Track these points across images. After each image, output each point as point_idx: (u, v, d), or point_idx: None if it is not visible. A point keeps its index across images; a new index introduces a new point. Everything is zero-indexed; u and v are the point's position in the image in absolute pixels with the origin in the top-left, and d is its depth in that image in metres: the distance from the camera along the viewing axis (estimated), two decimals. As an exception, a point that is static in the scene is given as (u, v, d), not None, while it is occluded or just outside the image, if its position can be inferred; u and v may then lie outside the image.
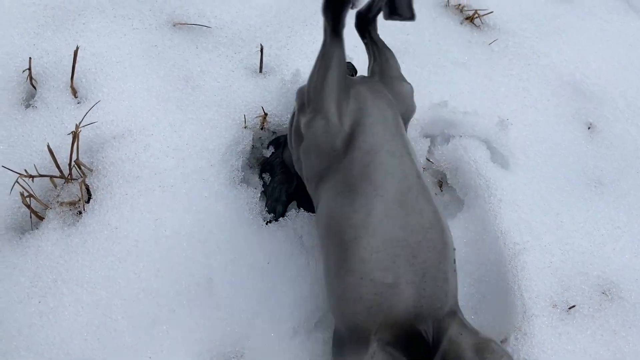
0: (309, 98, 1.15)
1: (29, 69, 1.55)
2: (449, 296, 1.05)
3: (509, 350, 1.27)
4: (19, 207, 1.39)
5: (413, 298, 1.02)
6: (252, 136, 1.58)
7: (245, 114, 1.57)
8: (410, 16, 1.22)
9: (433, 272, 1.02)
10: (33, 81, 1.58)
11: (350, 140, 1.10)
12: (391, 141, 1.09)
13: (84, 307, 1.23)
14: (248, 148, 1.55)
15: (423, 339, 1.02)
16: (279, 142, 1.56)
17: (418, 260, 1.02)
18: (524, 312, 1.30)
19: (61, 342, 1.18)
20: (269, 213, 1.45)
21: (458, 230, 1.46)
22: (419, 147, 1.56)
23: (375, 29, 1.33)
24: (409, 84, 1.27)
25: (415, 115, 1.59)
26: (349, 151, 1.09)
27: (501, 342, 1.30)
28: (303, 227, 1.41)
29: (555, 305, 1.33)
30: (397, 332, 1.03)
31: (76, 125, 1.38)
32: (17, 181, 1.34)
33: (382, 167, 1.06)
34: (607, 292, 1.37)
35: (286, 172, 1.51)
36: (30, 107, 1.54)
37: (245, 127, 1.56)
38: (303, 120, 1.16)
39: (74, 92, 1.56)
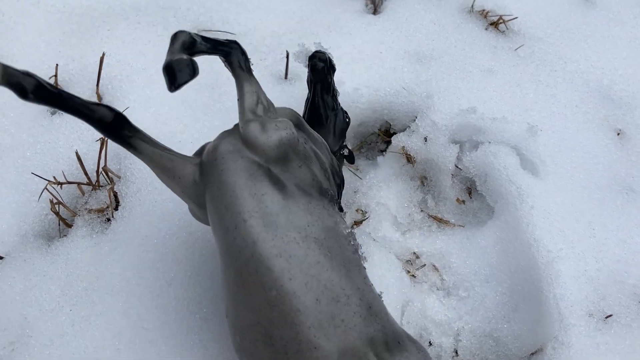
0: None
1: (55, 75, 1.55)
2: None
3: (546, 359, 1.25)
4: (47, 214, 1.38)
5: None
6: (278, 143, 1.57)
7: (273, 120, 1.56)
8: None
9: (294, 345, 0.87)
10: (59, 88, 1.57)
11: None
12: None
13: (115, 316, 1.21)
14: (275, 155, 1.54)
15: None
16: None
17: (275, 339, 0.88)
18: (561, 321, 1.27)
19: (93, 352, 1.17)
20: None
21: (489, 237, 1.44)
22: (448, 154, 1.54)
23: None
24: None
25: (444, 122, 1.57)
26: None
27: (536, 351, 1.28)
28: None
29: (591, 315, 1.30)
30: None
31: (104, 132, 1.37)
32: (45, 188, 1.33)
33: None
34: (643, 301, 1.35)
35: None
36: (57, 114, 1.53)
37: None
38: None
39: (100, 99, 1.55)
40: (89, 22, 1.69)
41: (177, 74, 0.92)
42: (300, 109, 1.60)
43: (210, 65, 1.64)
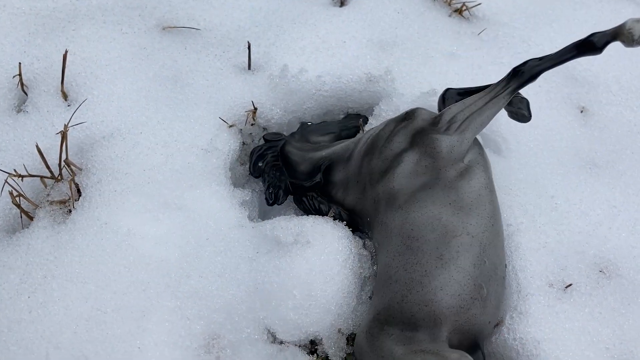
0: (453, 118, 1.28)
1: (20, 74, 1.57)
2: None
3: (505, 330, 1.25)
4: (10, 208, 1.40)
5: (491, 317, 1.21)
6: (241, 132, 1.59)
7: (235, 109, 1.57)
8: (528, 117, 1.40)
9: (501, 298, 1.24)
10: (24, 87, 1.59)
11: (466, 172, 1.26)
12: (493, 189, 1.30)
13: (73, 301, 1.22)
14: (237, 144, 1.55)
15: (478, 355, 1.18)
16: (276, 138, 1.55)
17: (498, 285, 1.22)
18: (519, 291, 1.28)
19: (51, 336, 1.17)
20: (270, 200, 1.46)
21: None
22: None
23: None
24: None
25: (405, 105, 1.59)
26: (465, 178, 1.25)
27: (498, 324, 1.28)
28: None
29: (551, 285, 1.31)
30: (463, 341, 1.17)
31: (65, 125, 1.39)
32: (6, 181, 1.35)
33: (491, 203, 1.25)
34: (604, 270, 1.35)
35: (278, 166, 1.50)
36: (22, 112, 1.55)
37: (233, 124, 1.56)
38: (435, 133, 1.29)
39: (65, 96, 1.57)
40: (54, 23, 1.72)
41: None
42: (263, 98, 1.62)
43: (173, 58, 1.66)
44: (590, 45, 1.21)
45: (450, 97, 1.45)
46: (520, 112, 1.40)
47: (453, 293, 1.16)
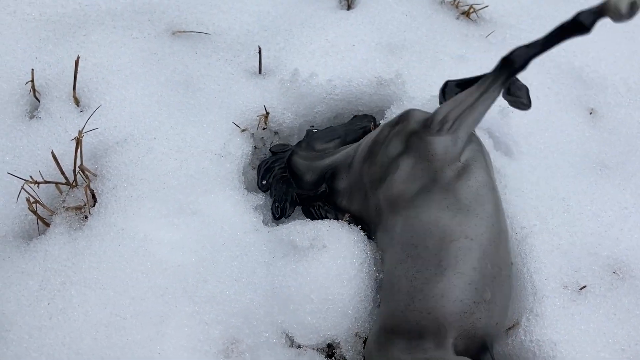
0: (444, 117, 1.26)
1: (32, 81, 1.58)
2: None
3: (521, 332, 1.26)
4: (26, 214, 1.40)
5: (498, 318, 1.20)
6: (253, 137, 1.59)
7: (247, 113, 1.58)
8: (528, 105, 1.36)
9: (507, 299, 1.22)
10: (36, 93, 1.60)
11: (464, 172, 1.24)
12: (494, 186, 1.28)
13: (92, 307, 1.23)
14: (250, 148, 1.56)
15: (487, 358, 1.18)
16: (283, 150, 1.56)
17: (504, 286, 1.20)
18: (535, 293, 1.29)
19: (71, 342, 1.18)
20: (276, 214, 1.46)
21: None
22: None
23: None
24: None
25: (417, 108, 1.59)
26: (463, 178, 1.23)
27: (513, 326, 1.29)
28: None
29: (566, 287, 1.32)
30: (470, 345, 1.16)
31: (79, 131, 1.39)
32: (23, 187, 1.35)
33: (491, 202, 1.23)
34: (617, 272, 1.36)
35: (286, 177, 1.51)
36: (35, 118, 1.56)
37: (246, 129, 1.57)
38: (428, 135, 1.27)
39: (77, 102, 1.58)
40: (64, 29, 1.72)
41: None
42: (275, 102, 1.63)
43: (184, 63, 1.67)
44: (578, 25, 1.18)
45: (450, 90, 1.42)
46: (520, 100, 1.36)
47: (455, 299, 1.15)
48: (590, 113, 1.69)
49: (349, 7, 1.93)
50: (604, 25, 1.96)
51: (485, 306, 1.16)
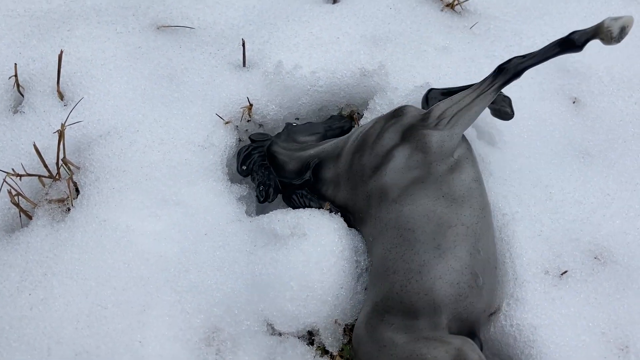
0: (442, 114, 1.32)
1: (15, 75, 1.58)
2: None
3: (502, 317, 1.26)
4: (9, 207, 1.40)
5: (486, 305, 1.24)
6: (237, 129, 1.60)
7: (230, 106, 1.59)
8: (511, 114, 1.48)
9: (494, 287, 1.27)
10: (20, 88, 1.60)
11: (456, 166, 1.30)
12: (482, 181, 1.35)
13: (74, 297, 1.23)
14: (233, 140, 1.56)
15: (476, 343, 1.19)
16: (263, 139, 1.56)
17: (492, 275, 1.26)
18: (515, 279, 1.29)
19: (52, 332, 1.18)
20: (260, 197, 1.46)
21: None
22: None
23: None
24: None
25: (399, 99, 1.60)
26: (456, 172, 1.29)
27: (495, 311, 1.29)
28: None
29: (547, 272, 1.32)
30: (461, 329, 1.20)
31: (62, 124, 1.40)
32: (4, 180, 1.35)
33: (481, 196, 1.29)
34: (599, 257, 1.36)
35: (266, 165, 1.51)
36: (18, 113, 1.56)
37: (229, 121, 1.57)
38: (425, 129, 1.32)
39: (61, 96, 1.58)
40: (49, 24, 1.73)
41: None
42: (259, 94, 1.63)
43: (168, 57, 1.67)
44: (570, 43, 1.26)
45: (433, 96, 1.50)
46: (504, 109, 1.47)
47: (452, 281, 1.19)
48: (574, 102, 1.70)
49: (334, 1, 1.93)
50: (588, 15, 1.98)
51: (477, 291, 1.20)
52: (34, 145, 1.37)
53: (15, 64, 1.58)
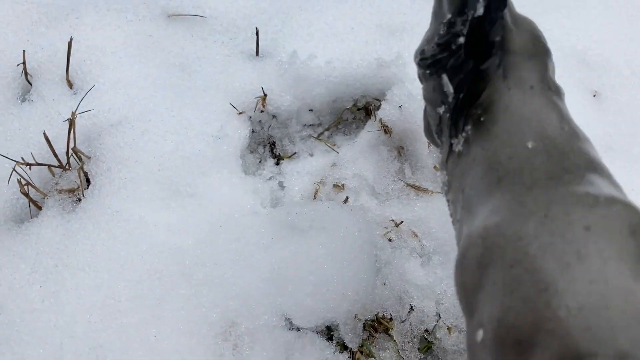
0: None
1: (24, 63, 1.54)
2: None
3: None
4: (18, 198, 1.37)
5: None
6: (250, 120, 1.56)
7: (244, 96, 1.55)
8: None
9: None
10: (28, 76, 1.56)
11: None
12: None
13: (86, 290, 1.20)
14: (247, 131, 1.53)
15: None
16: None
17: None
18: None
19: (64, 325, 1.15)
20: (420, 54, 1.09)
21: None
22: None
23: None
24: None
25: (418, 90, 1.56)
26: None
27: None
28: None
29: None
30: None
31: (72, 112, 1.36)
32: (14, 169, 1.32)
33: None
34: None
35: None
36: (27, 101, 1.52)
37: (243, 112, 1.54)
38: None
39: (70, 84, 1.54)
40: (57, 11, 1.68)
41: None
42: (273, 84, 1.59)
43: (180, 46, 1.64)
44: None
45: None
46: None
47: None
48: (594, 95, 1.66)
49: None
50: (606, 7, 1.94)
51: None
52: (44, 134, 1.34)
53: (24, 51, 1.54)
